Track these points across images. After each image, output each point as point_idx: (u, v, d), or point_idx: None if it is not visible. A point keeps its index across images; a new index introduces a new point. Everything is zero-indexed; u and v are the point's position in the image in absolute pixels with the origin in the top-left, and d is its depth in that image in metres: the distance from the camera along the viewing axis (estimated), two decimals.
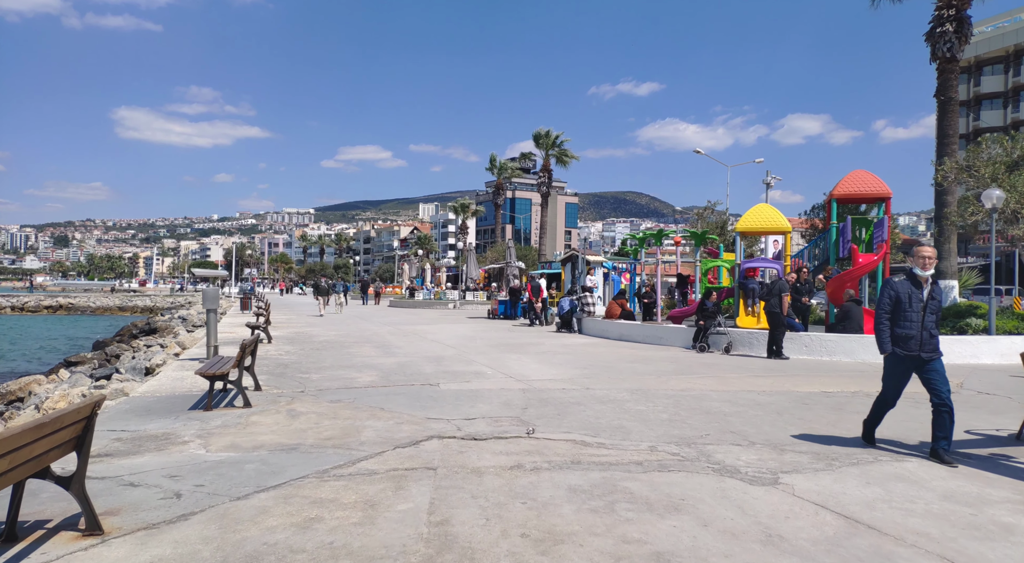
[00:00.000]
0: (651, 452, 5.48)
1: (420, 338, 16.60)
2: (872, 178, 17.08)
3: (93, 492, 4.30)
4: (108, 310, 70.02)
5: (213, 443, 5.79)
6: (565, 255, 28.87)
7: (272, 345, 14.54)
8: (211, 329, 11.60)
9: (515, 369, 10.75)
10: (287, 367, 10.88)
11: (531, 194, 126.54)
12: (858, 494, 4.42)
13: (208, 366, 7.80)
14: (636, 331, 16.02)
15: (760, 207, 17.42)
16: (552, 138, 51.43)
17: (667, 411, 7.26)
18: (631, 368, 10.96)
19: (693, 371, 10.67)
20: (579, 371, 10.56)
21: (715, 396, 8.28)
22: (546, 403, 7.69)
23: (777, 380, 9.73)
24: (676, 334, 15.01)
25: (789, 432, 6.28)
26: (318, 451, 5.48)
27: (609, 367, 11.08)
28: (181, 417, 6.99)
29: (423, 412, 7.16)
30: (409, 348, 14.08)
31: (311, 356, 12.50)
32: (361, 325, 21.43)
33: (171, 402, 7.87)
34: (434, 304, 37.45)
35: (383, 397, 8.07)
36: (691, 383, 9.33)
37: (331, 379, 9.56)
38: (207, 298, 11.59)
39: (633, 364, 11.51)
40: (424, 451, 5.49)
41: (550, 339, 16.68)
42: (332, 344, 14.87)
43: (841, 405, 7.74)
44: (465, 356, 12.58)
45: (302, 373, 10.18)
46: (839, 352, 12.60)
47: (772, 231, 17.24)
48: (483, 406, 7.51)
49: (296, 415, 7.00)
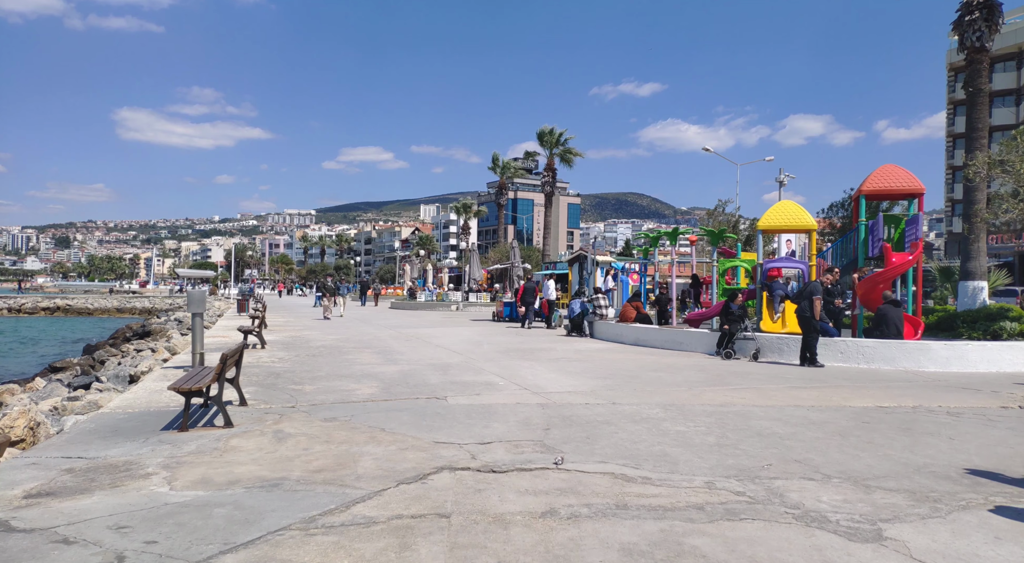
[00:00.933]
0: (710, 490, 4.51)
1: (424, 343, 15.63)
2: (904, 173, 16.10)
3: (12, 555, 3.34)
4: (106, 312, 69.12)
5: (180, 476, 4.83)
6: (572, 255, 27.89)
7: (265, 351, 13.58)
8: (197, 335, 10.63)
9: (529, 379, 9.78)
10: (279, 377, 9.92)
11: (533, 195, 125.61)
12: (994, 556, 3.45)
13: (184, 379, 6.84)
14: (654, 336, 15.04)
15: (783, 204, 16.45)
16: (556, 136, 50.48)
17: (712, 433, 6.29)
18: (657, 378, 9.98)
19: (726, 381, 9.70)
20: (600, 382, 9.58)
21: (760, 413, 7.31)
22: (570, 422, 6.72)
23: (822, 392, 8.75)
24: (697, 339, 14.03)
25: (864, 461, 5.30)
26: (305, 489, 4.52)
27: (632, 377, 10.11)
28: (151, 440, 6.03)
29: (430, 434, 6.19)
30: (412, 354, 13.12)
31: (306, 364, 11.54)
32: (361, 328, 20.47)
33: (143, 420, 6.91)
34: (436, 306, 36.49)
35: (384, 414, 7.11)
36: (728, 396, 8.36)
37: (326, 391, 8.59)
38: (192, 301, 10.63)
39: (658, 373, 10.54)
40: (433, 489, 4.52)
41: (561, 344, 15.70)
42: (329, 350, 13.91)
43: (908, 425, 6.76)
44: (473, 364, 11.62)
45: (295, 384, 9.22)
46: (878, 359, 11.63)
47: (796, 229, 16.26)
48: (498, 426, 6.54)
49: (283, 438, 6.04)
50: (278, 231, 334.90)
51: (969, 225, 18.93)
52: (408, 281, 59.48)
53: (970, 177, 18.38)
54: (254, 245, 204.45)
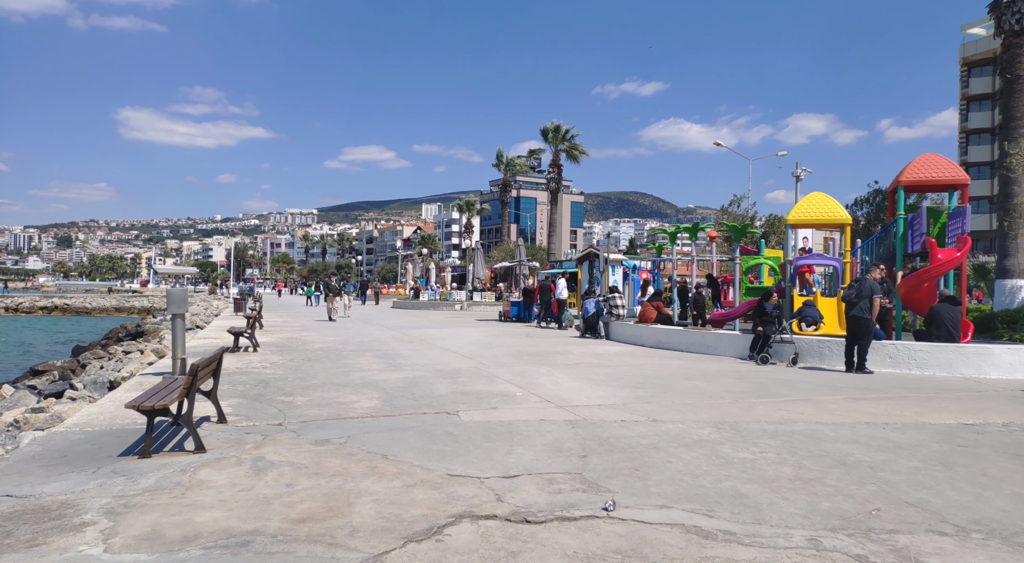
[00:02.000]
0: (819, 554, 3.40)
1: (428, 345, 14.53)
2: (945, 162, 14.96)
3: None
4: (105, 311, 68.16)
5: (124, 528, 3.73)
6: (582, 253, 26.78)
7: (257, 355, 12.49)
8: (177, 338, 9.53)
9: (550, 388, 8.67)
10: (268, 386, 8.82)
11: (536, 193, 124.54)
12: None
13: (148, 394, 5.74)
14: (677, 338, 13.90)
15: (814, 196, 15.31)
16: (562, 132, 49.38)
17: (785, 461, 5.18)
18: (693, 387, 8.87)
19: (772, 391, 8.58)
20: (631, 392, 8.47)
21: (830, 433, 6.19)
22: (610, 447, 5.61)
23: (887, 406, 7.63)
24: (727, 342, 12.90)
25: (994, 503, 4.19)
26: (283, 552, 3.41)
27: (665, 386, 8.99)
28: (103, 470, 4.94)
29: (442, 462, 5.09)
30: (417, 358, 12.02)
31: (300, 369, 10.44)
32: (362, 329, 19.38)
33: (102, 441, 5.82)
34: (440, 305, 35.40)
35: (386, 435, 6.01)
36: (784, 411, 7.24)
37: (320, 404, 7.49)
38: (172, 301, 9.52)
39: (692, 381, 9.42)
40: (453, 551, 3.41)
41: (577, 347, 14.59)
42: (327, 353, 12.81)
43: (1016, 450, 5.64)
44: (485, 370, 10.51)
45: (285, 395, 8.12)
46: (932, 365, 10.50)
47: (829, 223, 15.11)
48: (524, 451, 5.44)
49: (264, 469, 4.94)
50: (280, 230, 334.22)
51: (1009, 220, 17.76)
52: (410, 280, 58.41)
53: (1011, 167, 17.24)
54: (255, 244, 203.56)
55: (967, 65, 58.97)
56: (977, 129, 57.69)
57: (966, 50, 58.80)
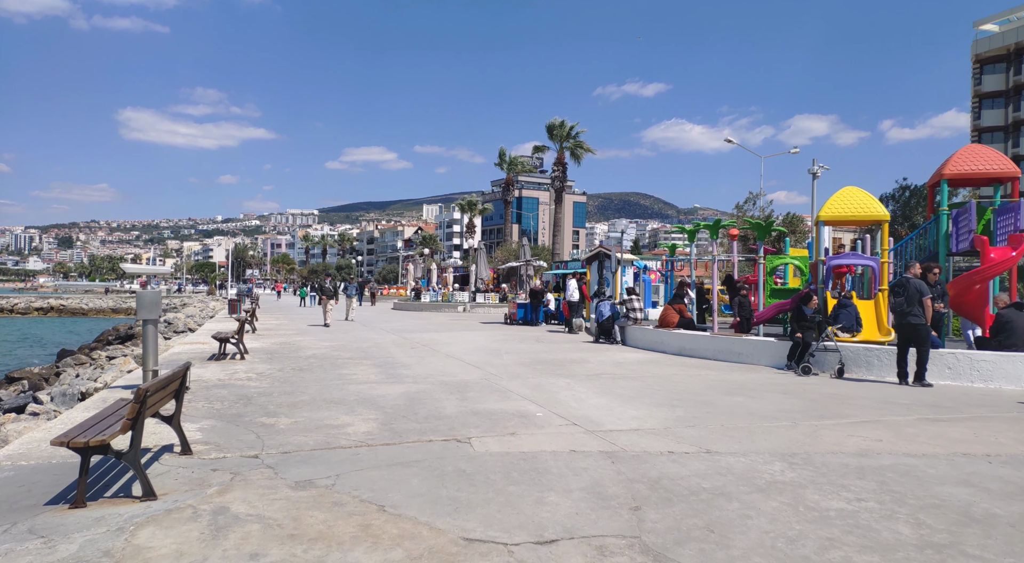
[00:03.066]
0: None
1: (432, 351, 13.40)
2: (994, 153, 13.83)
3: None
4: (101, 312, 67.09)
5: None
6: (591, 252, 25.63)
7: (244, 363, 11.36)
8: (149, 347, 8.40)
9: (573, 406, 7.53)
10: (250, 402, 7.68)
11: (538, 193, 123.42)
12: None
13: (85, 425, 4.60)
14: (704, 344, 12.74)
15: (849, 191, 14.15)
16: (567, 129, 48.23)
17: (894, 514, 4.03)
18: (737, 405, 7.72)
19: (831, 410, 7.43)
20: (667, 411, 7.33)
21: (929, 470, 5.05)
22: (666, 493, 4.46)
23: (976, 430, 6.48)
24: (760, 349, 11.74)
25: None
26: None
27: (705, 403, 7.85)
28: (18, 526, 3.82)
29: (456, 519, 3.95)
30: (419, 368, 10.88)
31: (289, 381, 9.31)
32: (360, 334, 18.25)
33: (31, 481, 4.69)
34: (442, 307, 34.27)
35: (384, 474, 4.87)
36: (857, 437, 6.09)
37: (307, 428, 6.35)
38: (143, 304, 8.36)
39: (734, 397, 8.27)
40: None
41: (593, 353, 13.45)
42: (321, 361, 11.67)
43: None
44: (496, 382, 9.37)
45: (267, 415, 6.98)
46: (998, 376, 9.36)
47: (864, 219, 13.93)
48: (558, 499, 4.30)
49: (225, 528, 3.80)
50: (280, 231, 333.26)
51: None
52: (411, 281, 57.23)
53: None
54: (256, 245, 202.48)
55: (979, 62, 57.72)
56: (990, 127, 56.41)
57: (979, 47, 57.55)
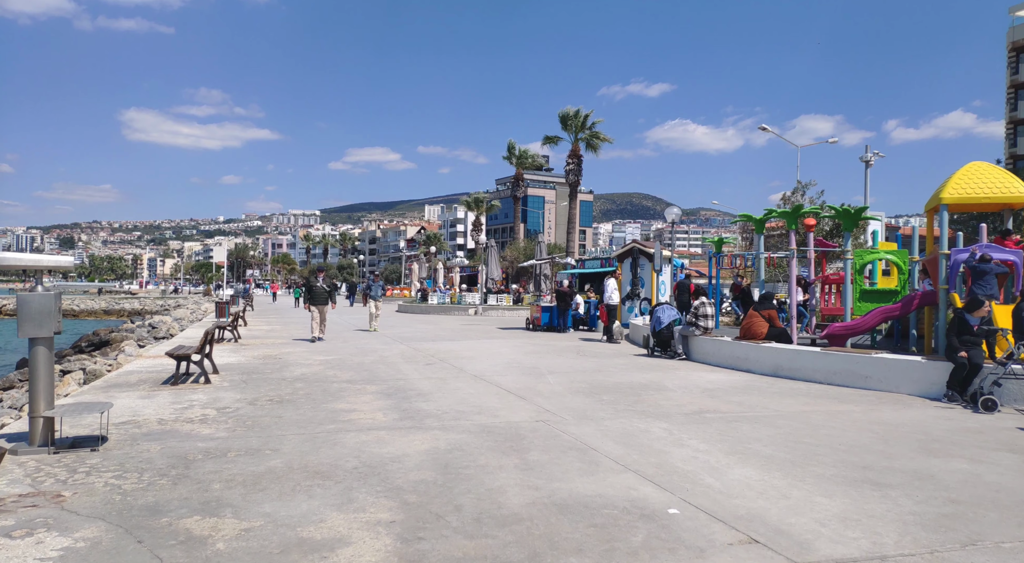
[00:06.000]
0: None
1: (453, 369, 10.49)
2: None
3: None
4: (92, 313, 64.23)
5: None
6: (624, 248, 22.72)
7: (206, 389, 8.43)
8: (38, 384, 5.46)
9: (709, 483, 4.60)
10: (185, 474, 4.75)
11: (544, 191, 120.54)
12: None
13: None
14: (811, 363, 9.75)
15: (977, 167, 11.23)
16: (582, 119, 45.22)
17: None
18: (966, 478, 4.77)
19: None
20: (875, 494, 4.38)
21: None
22: None
23: None
24: (897, 371, 8.75)
25: None
26: None
27: (916, 474, 4.90)
28: None
29: None
30: (443, 398, 7.96)
31: (258, 425, 6.39)
32: (362, 343, 15.33)
33: None
34: (451, 309, 31.35)
35: None
36: None
37: (265, 548, 3.43)
38: (27, 315, 5.43)
39: (939, 459, 5.33)
40: None
41: (661, 373, 10.51)
42: (310, 386, 8.74)
43: None
44: (560, 426, 6.44)
45: (202, 509, 4.05)
46: None
47: (1001, 202, 11.01)
48: None
49: None
50: (282, 231, 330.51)
51: None
52: (416, 281, 54.34)
53: None
54: (257, 245, 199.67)
55: (1015, 50, 54.65)
56: None
57: (1015, 34, 54.48)
